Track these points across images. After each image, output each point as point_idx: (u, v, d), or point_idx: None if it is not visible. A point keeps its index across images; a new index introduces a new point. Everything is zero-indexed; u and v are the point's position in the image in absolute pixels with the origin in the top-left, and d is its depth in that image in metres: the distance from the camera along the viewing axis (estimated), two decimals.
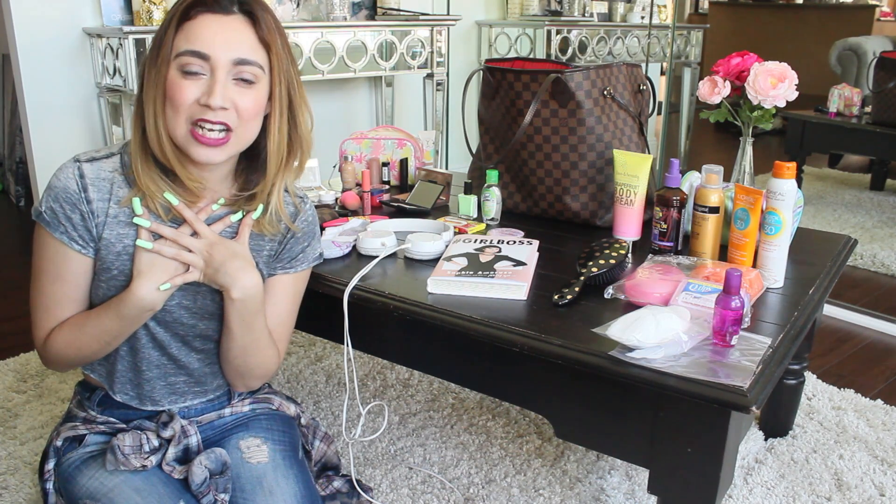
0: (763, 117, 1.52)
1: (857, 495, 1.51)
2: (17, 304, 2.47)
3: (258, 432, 1.19)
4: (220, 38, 0.99)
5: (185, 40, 0.98)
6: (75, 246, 1.04)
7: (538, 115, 1.56)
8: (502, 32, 3.86)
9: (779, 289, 1.28)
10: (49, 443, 1.18)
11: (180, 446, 1.12)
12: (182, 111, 0.99)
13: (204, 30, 0.99)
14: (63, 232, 1.03)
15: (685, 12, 4.36)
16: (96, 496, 1.05)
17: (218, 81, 0.98)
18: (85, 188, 1.03)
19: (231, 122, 1.00)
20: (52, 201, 1.03)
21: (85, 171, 1.04)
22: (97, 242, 1.05)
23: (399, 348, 1.35)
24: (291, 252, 1.18)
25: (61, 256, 1.05)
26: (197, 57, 0.98)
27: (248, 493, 1.09)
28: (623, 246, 1.32)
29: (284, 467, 1.14)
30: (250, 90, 1.02)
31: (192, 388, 1.18)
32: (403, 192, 1.84)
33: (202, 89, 0.99)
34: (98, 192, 1.04)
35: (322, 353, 2.13)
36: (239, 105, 1.00)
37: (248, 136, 1.05)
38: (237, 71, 1.00)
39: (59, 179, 1.04)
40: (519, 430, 1.74)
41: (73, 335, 1.07)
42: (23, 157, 3.56)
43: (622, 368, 1.01)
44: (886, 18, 3.34)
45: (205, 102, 0.98)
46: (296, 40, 2.78)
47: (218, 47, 0.98)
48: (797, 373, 1.68)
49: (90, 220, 1.04)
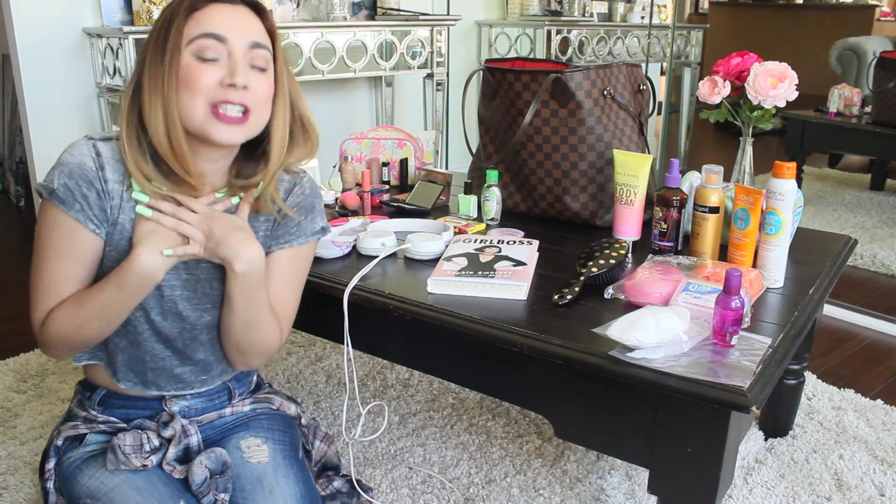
0: (763, 117, 1.52)
1: (857, 495, 1.51)
2: (17, 304, 2.47)
3: (259, 432, 1.19)
4: (234, 22, 1.01)
5: (198, 26, 1.00)
6: (90, 225, 1.02)
7: (538, 115, 1.56)
8: (502, 32, 3.86)
9: (779, 289, 1.28)
10: (50, 442, 1.18)
11: (181, 446, 1.12)
12: (202, 94, 0.99)
13: (217, 15, 1.01)
14: (79, 210, 1.01)
15: (685, 12, 4.36)
16: (96, 495, 1.05)
17: (238, 63, 1.00)
18: (102, 166, 1.02)
19: (250, 103, 1.02)
20: (65, 177, 1.01)
21: (101, 150, 1.03)
22: (110, 225, 1.04)
23: (399, 348, 1.35)
24: (287, 227, 1.17)
25: (73, 235, 1.03)
26: (214, 39, 0.99)
27: (248, 492, 1.09)
28: (623, 246, 1.32)
29: (285, 467, 1.13)
30: (263, 76, 1.04)
31: (198, 378, 1.18)
32: (403, 192, 1.84)
33: (222, 73, 1.00)
34: (115, 174, 1.03)
35: (322, 353, 2.13)
36: (256, 89, 1.02)
37: (262, 120, 1.06)
38: (252, 56, 1.02)
39: (74, 155, 1.02)
40: (519, 430, 1.74)
41: (72, 310, 1.04)
42: (23, 157, 3.56)
43: (622, 368, 1.01)
44: (886, 18, 3.35)
45: (229, 82, 0.99)
46: (296, 40, 2.78)
47: (234, 31, 1.01)
48: (797, 373, 1.68)
49: (106, 199, 1.03)
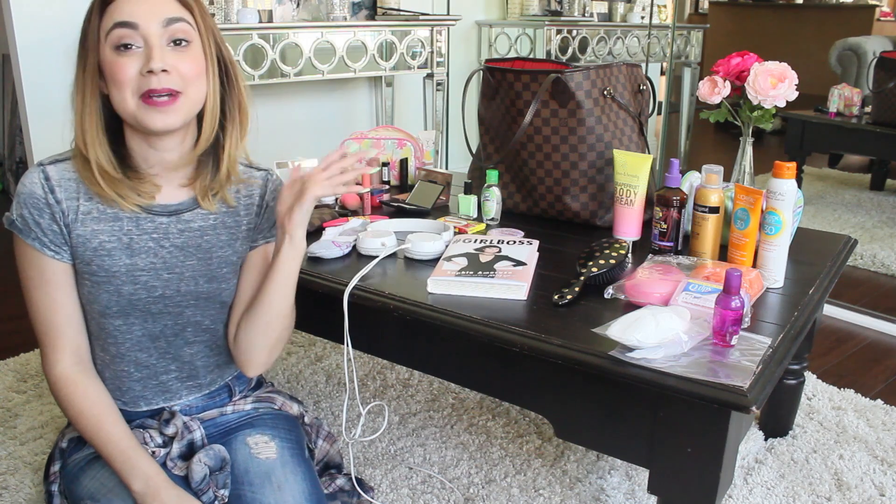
0: (763, 117, 1.52)
1: (857, 495, 1.51)
2: (17, 304, 2.47)
3: (265, 430, 1.19)
4: (144, 7, 0.99)
5: (110, 19, 0.99)
6: (48, 252, 1.04)
7: (538, 115, 1.56)
8: (502, 32, 3.86)
9: (779, 289, 1.28)
10: (55, 445, 1.18)
11: (184, 441, 1.12)
12: (127, 86, 0.99)
13: (126, 4, 0.99)
14: (35, 238, 1.04)
15: (685, 12, 4.35)
16: (96, 496, 1.06)
17: (154, 46, 0.98)
18: (52, 190, 1.03)
19: (176, 86, 1.00)
20: (21, 208, 1.04)
21: (50, 174, 1.04)
22: (70, 244, 1.05)
23: (399, 348, 1.35)
24: (269, 221, 1.19)
25: (39, 262, 1.05)
26: (127, 27, 0.98)
27: (256, 486, 1.09)
28: (623, 246, 1.32)
29: (293, 464, 1.14)
30: (187, 51, 1.02)
31: (184, 384, 1.18)
32: (403, 192, 1.84)
33: (141, 61, 0.99)
34: (65, 192, 1.04)
35: (322, 353, 2.13)
36: (180, 69, 1.01)
37: (199, 96, 1.04)
38: (170, 33, 1.00)
39: (25, 186, 1.04)
40: (519, 430, 1.74)
41: (77, 410, 1.07)
42: (23, 158, 3.56)
43: (622, 368, 1.01)
44: (886, 18, 3.34)
45: (147, 69, 0.98)
46: (296, 40, 2.78)
47: (144, 14, 0.99)
48: (797, 373, 1.68)
49: (60, 220, 1.04)
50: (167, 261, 1.09)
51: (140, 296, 1.08)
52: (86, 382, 1.08)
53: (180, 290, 1.11)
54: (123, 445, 1.05)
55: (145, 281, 1.08)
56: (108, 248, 1.05)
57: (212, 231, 1.13)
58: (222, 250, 1.14)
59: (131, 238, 1.07)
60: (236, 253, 1.16)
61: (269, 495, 1.08)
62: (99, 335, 1.11)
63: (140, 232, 1.07)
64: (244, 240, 1.17)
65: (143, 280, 1.07)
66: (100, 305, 1.07)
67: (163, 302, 1.10)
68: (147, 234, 1.07)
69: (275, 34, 2.69)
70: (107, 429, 1.05)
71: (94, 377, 1.10)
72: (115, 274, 1.06)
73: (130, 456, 1.04)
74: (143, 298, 1.08)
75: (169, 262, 1.09)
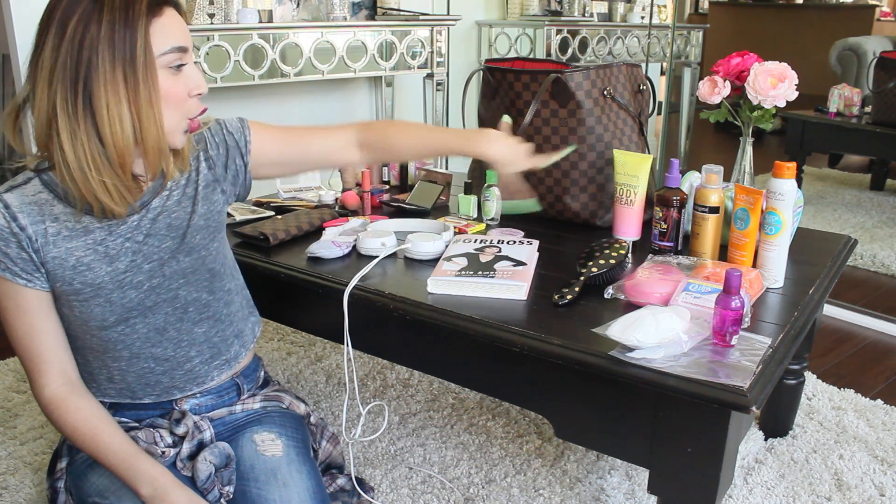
0: (763, 117, 1.52)
1: (857, 495, 1.51)
2: None
3: (272, 428, 1.19)
4: (185, 29, 1.02)
5: (163, 38, 0.98)
6: (20, 280, 1.03)
7: (538, 115, 1.56)
8: (502, 32, 3.86)
9: (779, 289, 1.28)
10: (62, 441, 1.18)
11: (194, 441, 1.13)
12: (179, 107, 1.02)
13: (174, 22, 1.00)
14: (4, 269, 1.02)
15: (685, 12, 4.35)
16: (105, 493, 1.06)
17: (197, 71, 1.03)
18: (14, 217, 1.01)
19: None
20: None
21: (9, 202, 1.01)
22: (42, 269, 1.03)
23: (399, 348, 1.35)
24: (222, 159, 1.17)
25: (14, 292, 1.04)
26: (182, 52, 1.01)
27: (262, 483, 1.09)
28: (623, 246, 1.32)
29: (299, 462, 1.14)
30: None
31: (211, 364, 1.18)
32: (403, 192, 1.84)
33: (186, 81, 1.02)
34: (29, 217, 1.02)
35: (322, 353, 2.13)
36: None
37: None
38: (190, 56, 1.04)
39: None
40: (519, 430, 1.74)
41: (72, 427, 1.06)
42: None
43: (622, 368, 1.01)
44: (886, 18, 3.34)
45: (197, 93, 1.03)
46: (296, 40, 2.78)
47: (187, 39, 1.02)
48: (797, 373, 1.68)
49: (28, 246, 1.02)
50: (145, 252, 1.08)
51: (131, 296, 1.07)
52: (76, 400, 1.07)
53: (165, 274, 1.10)
54: (124, 453, 1.05)
55: (130, 280, 1.07)
56: (87, 262, 1.04)
57: (177, 207, 1.11)
58: (191, 219, 1.12)
59: (106, 246, 1.05)
60: (202, 217, 1.14)
61: (274, 492, 1.08)
62: (105, 348, 1.10)
63: (114, 237, 1.06)
64: (204, 200, 1.14)
65: (128, 280, 1.07)
66: (95, 321, 1.07)
67: (154, 292, 1.09)
68: (122, 237, 1.06)
69: (275, 34, 2.68)
70: (104, 440, 1.05)
71: (84, 393, 1.09)
72: (101, 285, 1.05)
73: (133, 462, 1.04)
74: (134, 298, 1.08)
75: (147, 253, 1.08)
